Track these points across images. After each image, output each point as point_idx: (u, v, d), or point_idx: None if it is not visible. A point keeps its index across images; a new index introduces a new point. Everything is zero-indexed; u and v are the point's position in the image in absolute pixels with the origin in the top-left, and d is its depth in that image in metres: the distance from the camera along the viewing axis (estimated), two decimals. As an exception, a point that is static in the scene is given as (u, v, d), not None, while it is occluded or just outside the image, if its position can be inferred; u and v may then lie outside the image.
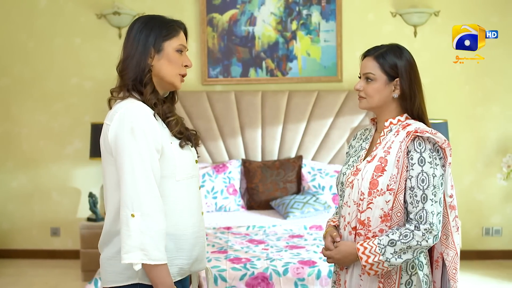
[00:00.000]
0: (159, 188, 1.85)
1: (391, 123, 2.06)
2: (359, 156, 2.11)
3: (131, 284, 1.88)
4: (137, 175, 1.80)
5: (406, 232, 1.93)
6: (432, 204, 1.93)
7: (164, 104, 1.96)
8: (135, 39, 1.94)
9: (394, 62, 2.03)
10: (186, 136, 1.97)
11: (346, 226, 2.05)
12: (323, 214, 4.30)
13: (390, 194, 1.94)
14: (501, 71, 4.91)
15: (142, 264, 1.80)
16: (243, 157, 4.88)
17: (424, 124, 2.04)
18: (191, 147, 1.99)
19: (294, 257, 3.35)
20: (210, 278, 2.12)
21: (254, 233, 3.95)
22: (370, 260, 1.94)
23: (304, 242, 3.71)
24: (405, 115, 2.07)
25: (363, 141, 2.17)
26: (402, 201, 1.95)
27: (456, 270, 2.05)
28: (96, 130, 4.64)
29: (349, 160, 2.16)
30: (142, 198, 1.79)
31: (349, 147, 2.24)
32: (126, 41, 1.97)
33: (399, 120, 2.06)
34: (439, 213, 1.95)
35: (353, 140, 2.25)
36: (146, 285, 1.87)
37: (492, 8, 4.88)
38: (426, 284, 2.02)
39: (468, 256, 4.82)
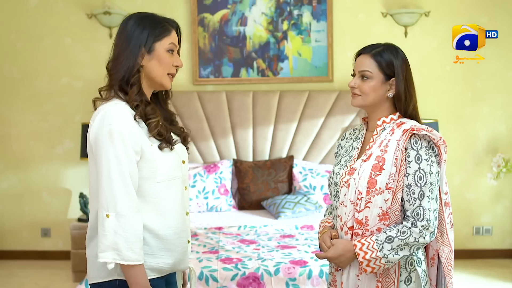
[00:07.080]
0: (139, 189, 1.87)
1: (384, 121, 2.06)
2: (352, 156, 2.11)
3: (110, 280, 1.91)
4: (113, 177, 1.82)
5: (403, 229, 1.94)
6: (429, 201, 1.95)
7: (148, 106, 1.93)
8: (127, 38, 1.93)
9: (391, 61, 2.03)
10: (167, 139, 1.95)
11: (343, 226, 2.04)
12: (314, 214, 4.30)
13: (389, 192, 1.95)
14: (490, 71, 4.93)
15: (120, 263, 1.83)
16: (234, 157, 4.88)
17: (417, 122, 2.05)
18: (170, 149, 1.95)
19: (286, 257, 3.35)
20: (193, 278, 2.14)
21: (246, 233, 3.95)
22: (367, 256, 1.94)
23: (296, 242, 3.71)
24: (398, 113, 2.07)
25: (354, 141, 2.17)
26: (400, 199, 1.96)
27: (451, 267, 2.07)
28: (87, 130, 4.59)
29: (340, 160, 2.15)
30: (117, 199, 1.81)
31: (338, 147, 2.25)
32: (117, 39, 1.96)
33: (392, 119, 2.06)
34: (435, 210, 1.96)
35: (342, 140, 2.25)
36: (124, 281, 1.89)
37: (481, 9, 4.90)
38: (424, 280, 2.03)
39: (459, 255, 4.80)
